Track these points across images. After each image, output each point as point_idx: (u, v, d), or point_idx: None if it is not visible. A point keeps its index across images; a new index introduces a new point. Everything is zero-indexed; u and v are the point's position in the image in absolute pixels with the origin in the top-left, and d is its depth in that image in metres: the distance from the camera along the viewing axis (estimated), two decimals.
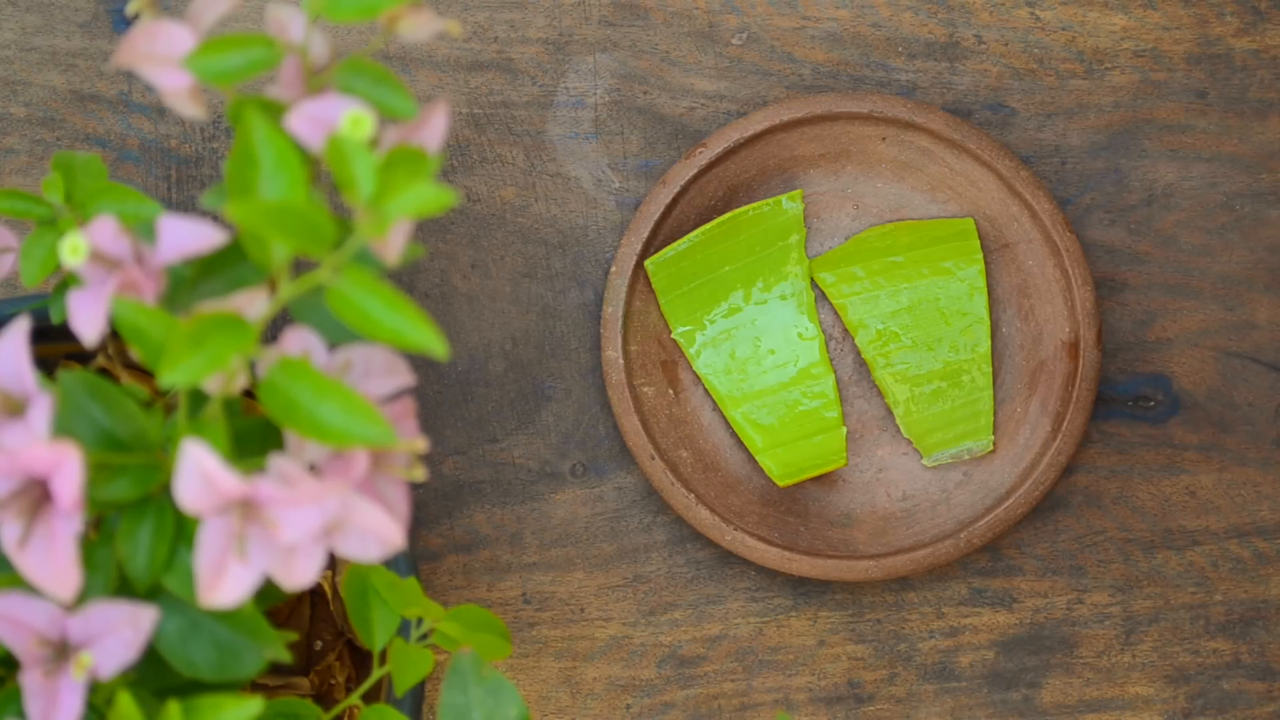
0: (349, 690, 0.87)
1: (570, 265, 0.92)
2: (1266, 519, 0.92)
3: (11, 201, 0.70)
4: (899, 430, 0.92)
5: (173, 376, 0.57)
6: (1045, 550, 0.92)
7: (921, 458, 0.91)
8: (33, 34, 0.91)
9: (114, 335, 0.82)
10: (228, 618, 0.63)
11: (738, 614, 0.92)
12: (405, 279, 0.91)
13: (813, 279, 0.92)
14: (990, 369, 0.91)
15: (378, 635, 0.73)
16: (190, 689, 0.64)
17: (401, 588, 0.72)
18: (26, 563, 0.59)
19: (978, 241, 0.91)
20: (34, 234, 0.70)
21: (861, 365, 0.92)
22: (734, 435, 0.92)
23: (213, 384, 0.61)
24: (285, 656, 0.63)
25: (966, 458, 0.91)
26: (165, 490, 0.62)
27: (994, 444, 0.91)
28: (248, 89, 0.89)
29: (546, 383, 0.92)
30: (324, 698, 0.86)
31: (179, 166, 0.91)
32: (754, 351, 0.91)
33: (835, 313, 0.92)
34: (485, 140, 0.91)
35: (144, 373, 0.82)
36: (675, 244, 0.90)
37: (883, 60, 0.92)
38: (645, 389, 0.90)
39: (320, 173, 0.64)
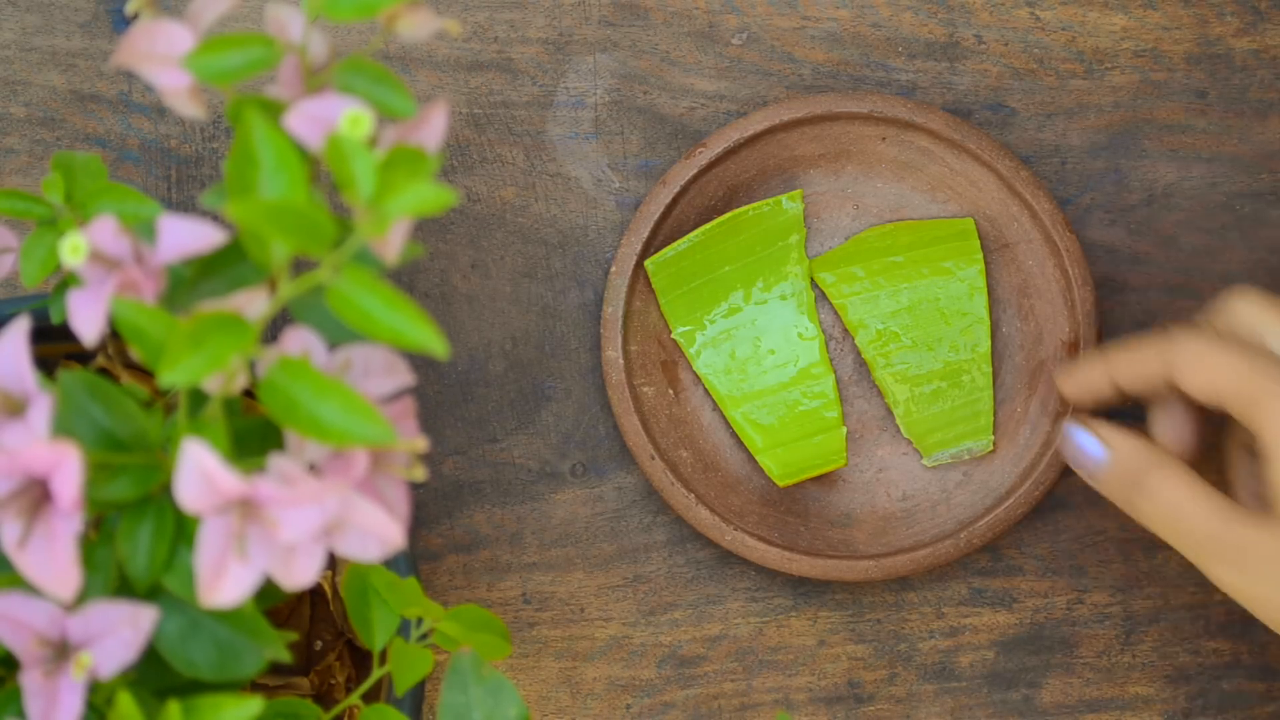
0: (349, 690, 0.87)
1: (570, 265, 0.92)
2: None
3: (11, 201, 0.70)
4: (899, 430, 0.92)
5: (173, 376, 0.57)
6: (1045, 550, 0.92)
7: (921, 458, 0.91)
8: (33, 34, 0.91)
9: (114, 335, 0.82)
10: (228, 618, 0.63)
11: (738, 614, 0.92)
12: (405, 279, 0.91)
13: (813, 279, 0.91)
14: (990, 369, 0.91)
15: (378, 635, 0.73)
16: (190, 689, 0.64)
17: (401, 588, 0.72)
18: (26, 563, 0.59)
19: (978, 241, 0.91)
20: (34, 234, 0.70)
21: (861, 365, 0.92)
22: (734, 435, 0.91)
23: (213, 384, 0.61)
24: (285, 656, 0.63)
25: (966, 458, 0.91)
26: (165, 490, 0.62)
27: (994, 444, 0.91)
28: (247, 88, 0.89)
29: (546, 383, 0.92)
30: (324, 698, 0.86)
31: (179, 166, 0.91)
32: (754, 351, 0.91)
33: (835, 313, 0.92)
34: (485, 140, 0.91)
35: (144, 373, 0.82)
36: (675, 244, 0.90)
37: (883, 60, 0.92)
38: (645, 389, 0.90)
39: (320, 172, 0.64)
